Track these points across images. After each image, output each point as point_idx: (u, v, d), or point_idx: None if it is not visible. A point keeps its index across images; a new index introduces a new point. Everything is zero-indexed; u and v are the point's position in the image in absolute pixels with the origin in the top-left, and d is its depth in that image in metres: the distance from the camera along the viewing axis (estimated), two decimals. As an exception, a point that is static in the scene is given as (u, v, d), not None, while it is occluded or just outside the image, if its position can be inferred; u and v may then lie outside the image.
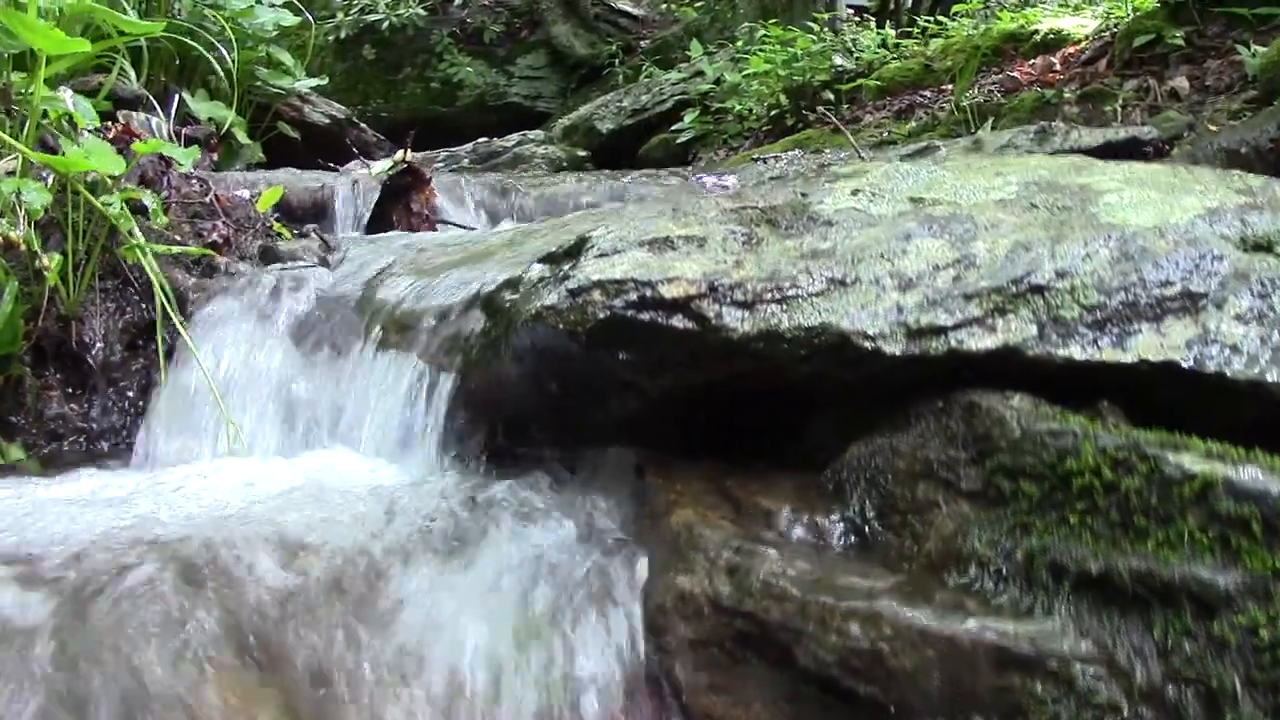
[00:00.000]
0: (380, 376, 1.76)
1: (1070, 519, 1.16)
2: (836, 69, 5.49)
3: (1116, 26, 4.63)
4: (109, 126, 2.50)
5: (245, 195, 2.57)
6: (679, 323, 1.37)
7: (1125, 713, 1.02)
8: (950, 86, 4.91)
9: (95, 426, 1.89)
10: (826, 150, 4.08)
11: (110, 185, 1.94)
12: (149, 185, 2.34)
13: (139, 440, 1.77)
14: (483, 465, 1.64)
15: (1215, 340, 1.28)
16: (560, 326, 1.42)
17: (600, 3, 9.34)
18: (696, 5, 9.23)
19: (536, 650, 1.23)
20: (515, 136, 6.39)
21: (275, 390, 1.81)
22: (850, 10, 7.91)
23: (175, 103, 3.14)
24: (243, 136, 3.40)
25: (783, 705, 1.17)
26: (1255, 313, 1.29)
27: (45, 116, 2.06)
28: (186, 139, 3.06)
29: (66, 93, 2.04)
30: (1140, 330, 1.30)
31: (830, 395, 1.47)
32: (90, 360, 1.90)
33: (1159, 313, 1.31)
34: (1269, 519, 1.03)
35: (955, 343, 1.32)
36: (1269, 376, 1.25)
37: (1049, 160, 1.69)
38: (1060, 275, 1.34)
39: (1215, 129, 3.35)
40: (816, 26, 6.29)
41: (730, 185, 3.30)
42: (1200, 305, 1.31)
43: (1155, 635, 1.05)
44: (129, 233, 1.91)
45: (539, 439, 1.65)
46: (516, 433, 1.69)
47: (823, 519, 1.36)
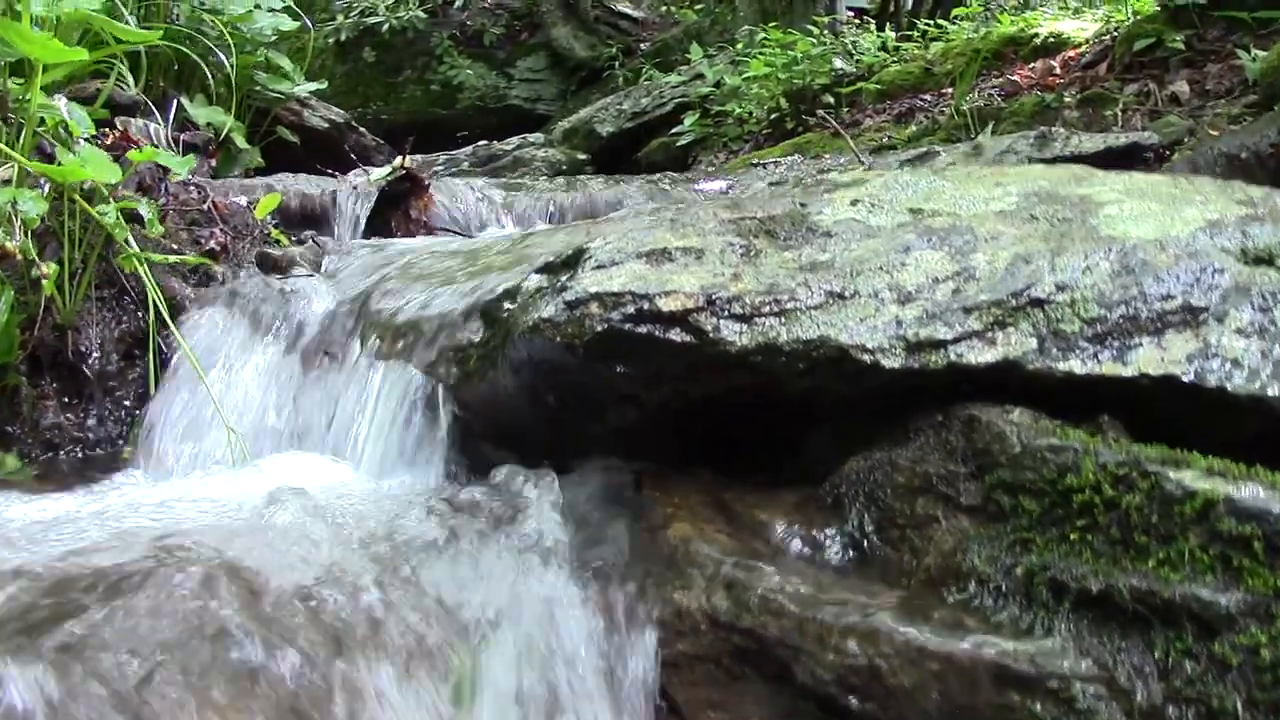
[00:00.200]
0: (377, 387, 1.75)
1: (1071, 536, 1.15)
2: (836, 72, 5.49)
3: (1116, 30, 4.63)
4: (106, 133, 2.49)
5: (243, 202, 2.56)
6: (676, 336, 1.36)
7: (1126, 733, 1.02)
8: (950, 90, 4.90)
9: (92, 436, 1.89)
10: (826, 155, 4.07)
11: (107, 194, 1.94)
12: (147, 192, 2.33)
13: (133, 450, 1.76)
14: (478, 477, 1.63)
15: (1216, 354, 1.27)
16: (557, 339, 1.42)
17: (600, 5, 9.34)
18: (696, 8, 9.23)
19: (532, 665, 1.23)
20: (515, 140, 6.38)
21: (271, 400, 1.80)
22: (850, 13, 7.91)
23: (174, 108, 3.13)
24: (241, 141, 3.39)
25: (781, 723, 1.17)
26: (1256, 327, 1.28)
27: (42, 124, 2.05)
28: (185, 145, 3.06)
29: (62, 101, 2.03)
30: (1141, 344, 1.29)
31: (829, 408, 1.46)
32: (87, 370, 1.90)
33: (1160, 326, 1.30)
34: (1270, 538, 1.02)
35: (955, 356, 1.31)
36: (1270, 391, 1.25)
37: (1049, 170, 1.68)
38: (1060, 288, 1.33)
39: (1216, 134, 3.34)
40: (816, 30, 6.28)
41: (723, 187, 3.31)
42: (1201, 319, 1.30)
43: (1156, 655, 1.04)
44: (125, 242, 1.90)
45: (536, 451, 1.64)
46: (513, 444, 1.68)
47: (821, 533, 1.35)
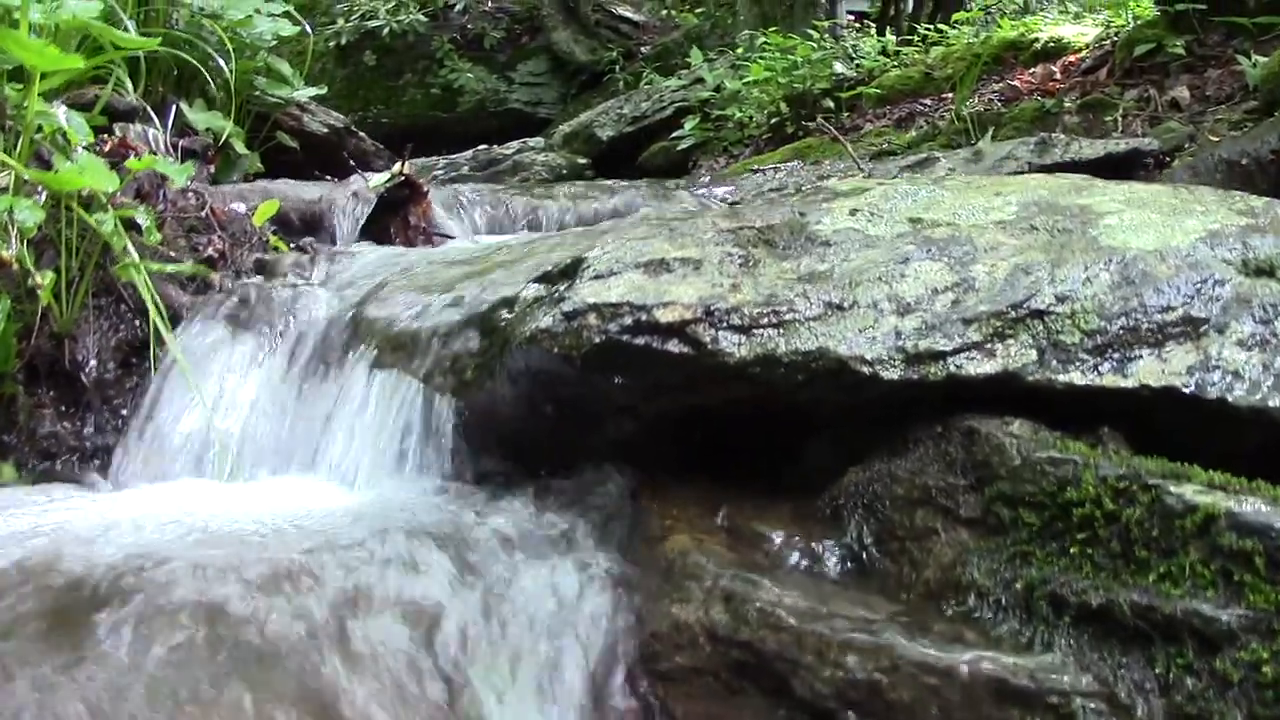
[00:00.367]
0: (374, 396, 1.75)
1: (1071, 549, 1.14)
2: (837, 76, 5.48)
3: (1117, 35, 4.62)
4: (105, 139, 2.49)
5: (241, 208, 2.56)
6: (674, 347, 1.36)
7: (1126, 750, 1.01)
8: (950, 95, 4.89)
9: (89, 445, 1.88)
10: (826, 160, 4.07)
11: (104, 202, 1.93)
12: (145, 199, 2.33)
13: (127, 460, 1.76)
14: (475, 487, 1.62)
15: (1217, 366, 1.27)
16: (555, 350, 1.41)
17: (601, 9, 9.34)
18: (697, 11, 9.23)
19: (528, 679, 1.22)
20: (515, 144, 6.38)
21: (268, 409, 1.80)
22: (850, 17, 7.92)
23: (173, 114, 3.12)
24: (240, 147, 3.38)
25: (779, 738, 1.16)
26: (1257, 338, 1.28)
27: (40, 131, 2.04)
28: (184, 150, 3.05)
29: (60, 108, 2.02)
30: (1141, 356, 1.29)
31: (828, 417, 1.46)
32: (83, 378, 1.89)
33: (1160, 338, 1.29)
34: (1272, 553, 1.01)
35: (954, 368, 1.31)
36: (1271, 403, 1.24)
37: (1049, 180, 1.68)
38: (1060, 299, 1.33)
39: (1216, 140, 3.34)
40: (816, 34, 6.28)
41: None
42: (1202, 330, 1.29)
43: (1157, 671, 1.03)
44: (123, 250, 1.90)
45: (534, 460, 1.64)
46: (511, 454, 1.67)
47: (820, 545, 1.34)
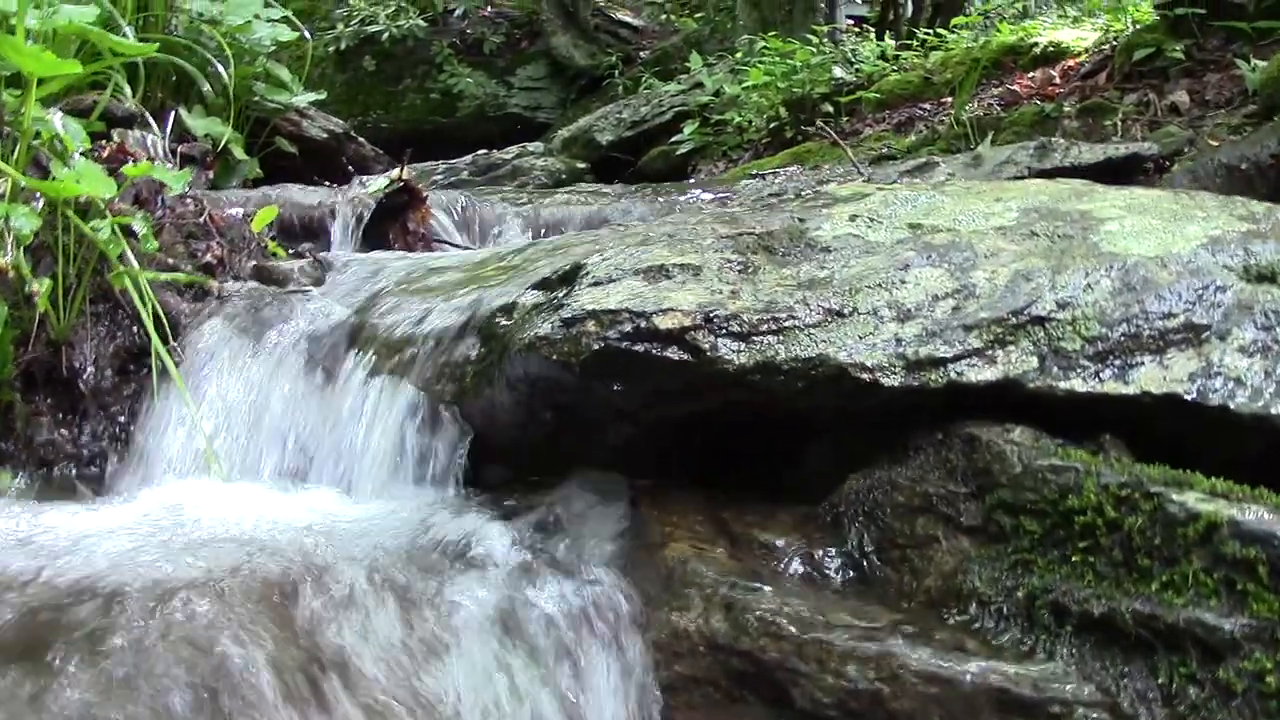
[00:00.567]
0: (373, 403, 1.74)
1: (1073, 558, 1.14)
2: (836, 81, 5.48)
3: (1116, 39, 4.62)
4: (104, 145, 2.48)
5: (240, 214, 2.55)
6: (674, 354, 1.35)
7: (1129, 760, 1.00)
8: (950, 99, 4.89)
9: (86, 453, 1.87)
10: (825, 165, 4.06)
11: (101, 209, 1.93)
12: (143, 205, 2.32)
13: (123, 468, 1.75)
14: (474, 494, 1.61)
15: (1219, 373, 1.26)
16: (554, 357, 1.41)
17: (600, 13, 9.35)
18: (696, 16, 9.24)
19: (527, 692, 1.21)
20: (514, 149, 6.37)
21: (265, 416, 1.79)
22: (850, 21, 7.92)
23: (171, 119, 3.12)
24: (239, 152, 3.38)
25: (780, 747, 1.15)
26: (1259, 345, 1.27)
27: (37, 137, 2.04)
28: (183, 156, 3.04)
29: (57, 115, 2.02)
30: (1143, 362, 1.28)
31: (828, 423, 1.45)
32: (81, 386, 1.88)
33: (1162, 345, 1.29)
34: (1275, 562, 1.01)
35: (955, 375, 1.30)
36: (1273, 410, 1.24)
37: (1050, 185, 1.67)
38: (1061, 306, 1.32)
39: (1215, 144, 3.33)
40: (816, 38, 6.28)
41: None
42: (1203, 337, 1.29)
43: (1160, 680, 1.03)
44: (119, 258, 1.89)
45: (532, 467, 1.63)
46: (511, 460, 1.67)
47: (820, 553, 1.34)
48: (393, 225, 2.77)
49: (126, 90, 2.97)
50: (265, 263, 2.41)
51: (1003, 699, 1.06)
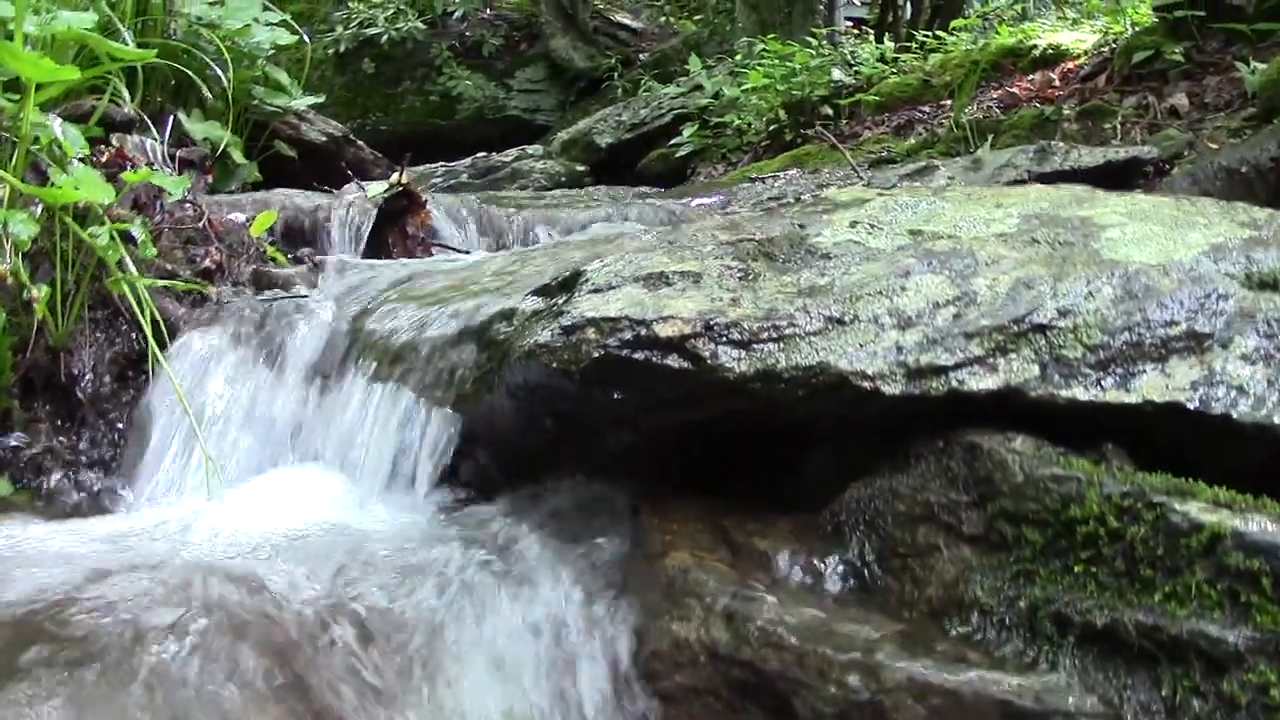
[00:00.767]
0: (373, 409, 1.74)
1: (1075, 568, 1.13)
2: (835, 83, 5.48)
3: (1115, 42, 4.62)
4: (102, 150, 2.48)
5: (239, 219, 2.54)
6: (674, 362, 1.34)
7: (1133, 773, 1.00)
8: (949, 102, 4.89)
9: (84, 459, 1.87)
10: (825, 168, 4.06)
11: (100, 214, 1.92)
12: (142, 210, 2.32)
13: (121, 475, 1.74)
14: (475, 502, 1.61)
15: (1221, 381, 1.26)
16: (554, 365, 1.40)
17: (599, 16, 9.35)
18: (695, 19, 9.24)
19: (524, 703, 1.21)
20: (514, 151, 6.38)
21: (264, 423, 1.78)
22: (848, 23, 7.92)
23: (170, 124, 3.11)
24: (238, 156, 3.37)
25: (781, 759, 1.15)
26: (1262, 353, 1.27)
27: (36, 143, 2.03)
28: (182, 160, 3.03)
29: (56, 121, 2.01)
30: (1145, 371, 1.28)
31: (829, 431, 1.44)
32: (79, 393, 1.88)
33: (1164, 353, 1.28)
34: (1279, 574, 1.00)
35: (956, 383, 1.30)
36: (1276, 418, 1.23)
37: (1050, 191, 1.67)
38: (1063, 314, 1.32)
39: (1215, 147, 3.33)
40: (815, 41, 6.28)
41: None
42: (1205, 345, 1.28)
43: (1163, 692, 1.02)
44: (117, 265, 1.89)
45: (534, 473, 1.62)
46: (511, 467, 1.66)
47: (821, 562, 1.33)
48: (392, 230, 2.76)
49: (125, 95, 2.96)
50: (264, 268, 2.40)
51: (1005, 711, 1.05)
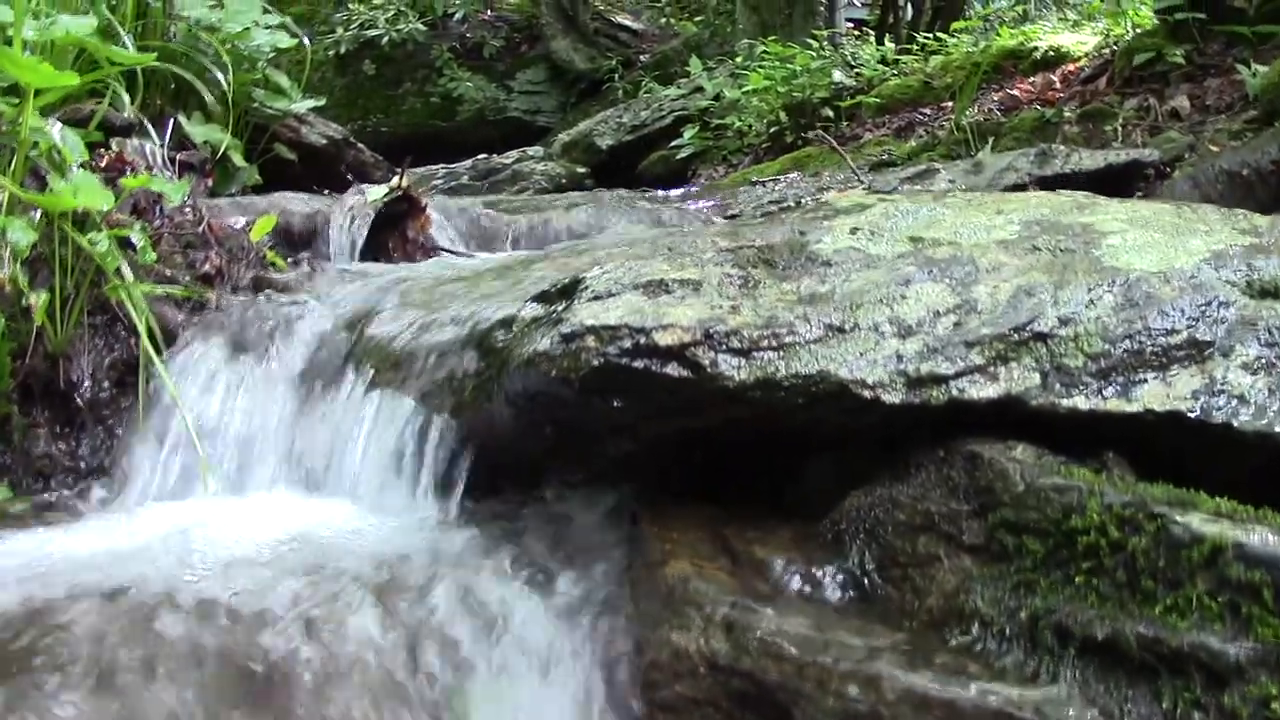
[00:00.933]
0: (372, 416, 1.73)
1: (1076, 579, 1.13)
2: (836, 85, 5.48)
3: (1116, 44, 4.62)
4: (102, 155, 2.47)
5: (238, 223, 2.54)
6: (674, 370, 1.34)
7: (1134, 786, 0.99)
8: (950, 104, 4.89)
9: (83, 465, 1.86)
10: (825, 171, 4.06)
11: (99, 220, 1.92)
12: (141, 215, 2.31)
13: (119, 481, 1.74)
14: (473, 507, 1.60)
15: (1222, 390, 1.25)
16: (553, 373, 1.40)
17: (600, 17, 9.35)
18: (696, 20, 9.24)
19: (525, 707, 1.20)
20: (514, 153, 6.38)
21: (262, 430, 1.78)
22: (849, 24, 7.92)
23: (170, 127, 3.11)
24: (239, 159, 3.37)
25: (781, 770, 1.14)
26: (1263, 362, 1.27)
27: (35, 148, 2.03)
28: (182, 164, 3.03)
29: (55, 126, 2.01)
30: (1146, 379, 1.27)
31: (829, 439, 1.44)
32: (78, 398, 1.87)
33: (1165, 361, 1.28)
34: (1280, 586, 1.00)
35: (956, 392, 1.29)
36: (1277, 427, 1.23)
37: (1051, 197, 1.66)
38: (1064, 322, 1.31)
39: (1216, 150, 3.33)
40: (816, 42, 6.28)
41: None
42: (1207, 354, 1.28)
43: (1164, 705, 1.02)
44: (116, 271, 1.88)
45: (532, 481, 1.62)
46: (510, 475, 1.66)
47: (821, 571, 1.32)
48: (392, 234, 2.76)
49: (125, 98, 2.95)
50: (264, 273, 2.40)
51: (1005, 723, 1.05)
